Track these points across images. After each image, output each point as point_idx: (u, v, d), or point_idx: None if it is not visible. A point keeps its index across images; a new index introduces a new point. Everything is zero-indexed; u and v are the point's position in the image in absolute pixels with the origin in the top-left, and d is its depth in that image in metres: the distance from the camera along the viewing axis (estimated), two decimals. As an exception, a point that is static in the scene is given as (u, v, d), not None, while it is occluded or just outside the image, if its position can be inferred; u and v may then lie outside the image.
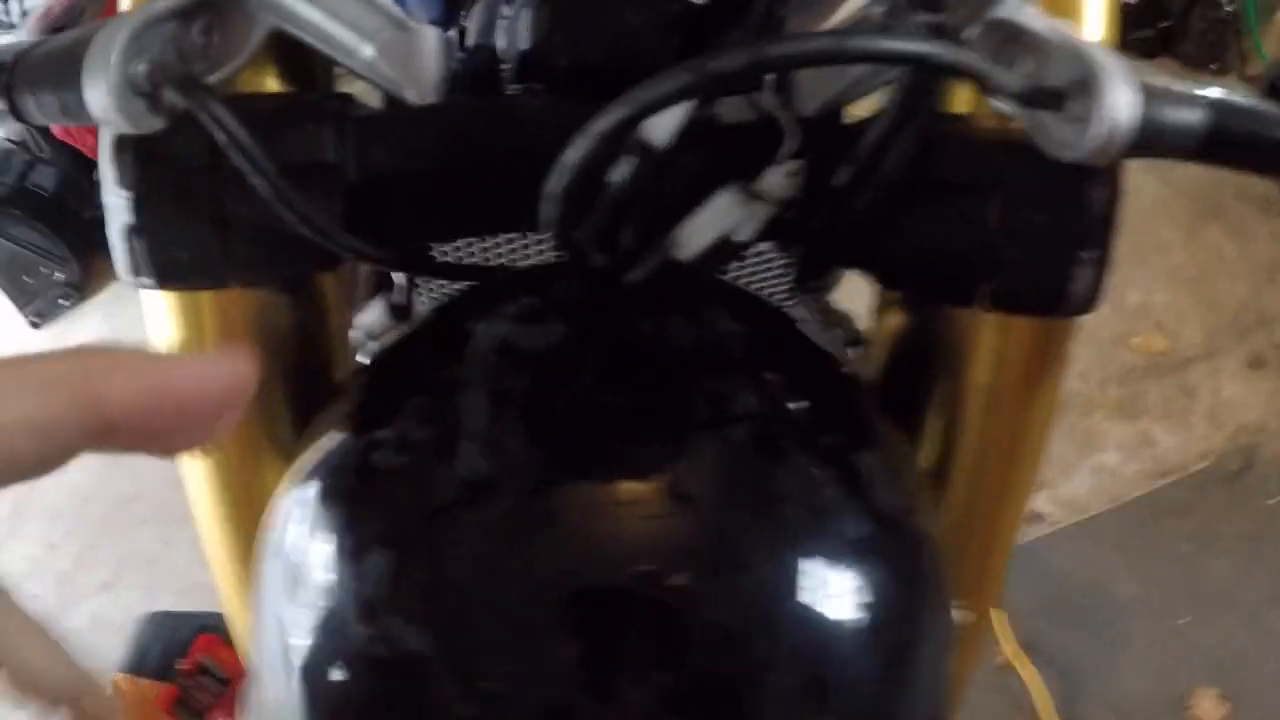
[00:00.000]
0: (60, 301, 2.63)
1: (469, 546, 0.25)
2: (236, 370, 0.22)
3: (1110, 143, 0.26)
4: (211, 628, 1.50)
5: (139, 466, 2.05)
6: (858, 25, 0.33)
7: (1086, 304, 0.34)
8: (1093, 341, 1.89)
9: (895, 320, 0.40)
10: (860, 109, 0.34)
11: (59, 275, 2.61)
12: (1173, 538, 1.57)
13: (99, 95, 0.27)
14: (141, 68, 0.28)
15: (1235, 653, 1.42)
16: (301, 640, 0.26)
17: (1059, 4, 0.32)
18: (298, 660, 0.26)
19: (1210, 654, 1.43)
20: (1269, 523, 1.57)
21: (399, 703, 0.24)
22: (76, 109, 0.28)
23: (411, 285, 0.47)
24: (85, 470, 1.64)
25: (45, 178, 2.48)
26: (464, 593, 0.24)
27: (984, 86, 0.26)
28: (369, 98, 0.37)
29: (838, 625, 0.26)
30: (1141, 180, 1.71)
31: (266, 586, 0.30)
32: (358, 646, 0.24)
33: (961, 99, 0.34)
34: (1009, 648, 1.43)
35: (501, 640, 0.23)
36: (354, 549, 0.26)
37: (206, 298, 0.36)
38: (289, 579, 0.28)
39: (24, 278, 2.58)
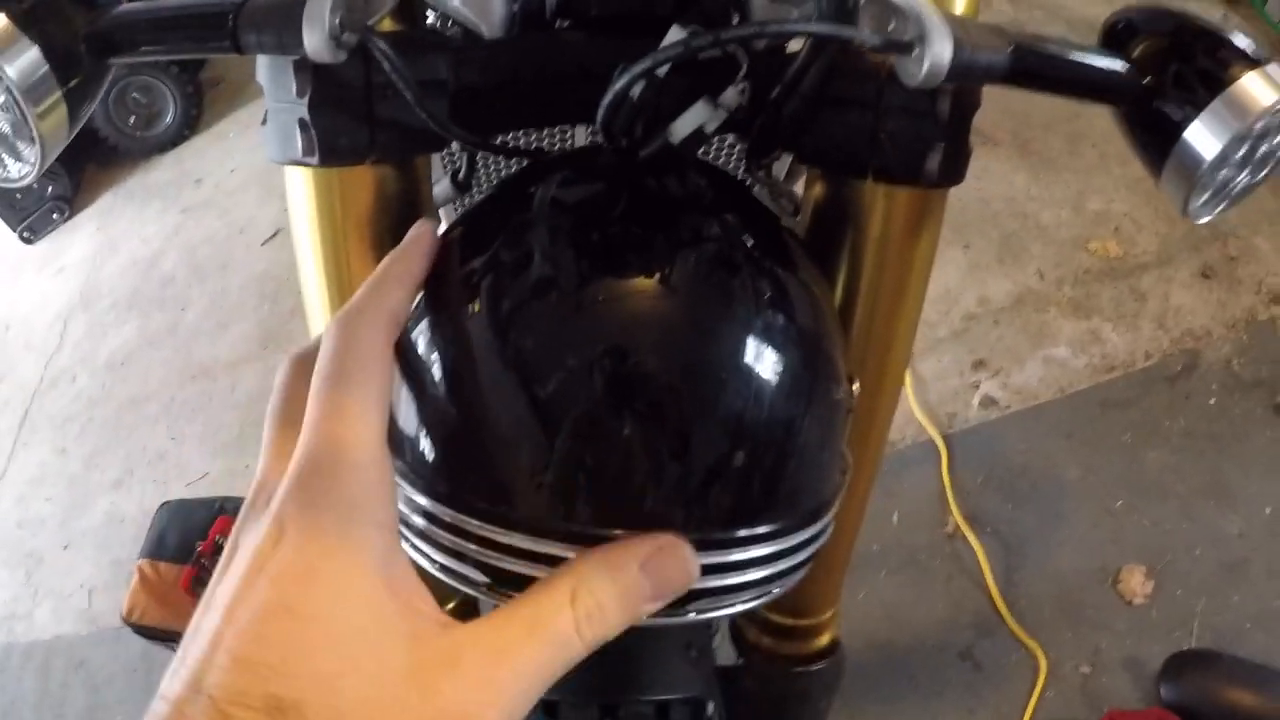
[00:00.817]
0: (53, 216, 2.67)
1: (543, 319, 0.40)
2: (420, 232, 0.42)
3: (935, 75, 0.39)
4: (228, 510, 1.61)
5: (145, 369, 2.15)
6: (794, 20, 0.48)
7: (942, 179, 0.48)
8: (1052, 243, 1.97)
9: (818, 191, 0.54)
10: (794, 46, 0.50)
11: (50, 188, 2.65)
12: (1115, 428, 1.68)
13: (316, 38, 0.39)
14: (337, 18, 0.40)
15: (1164, 536, 1.54)
16: (447, 365, 0.42)
17: None
18: (446, 376, 0.42)
19: (1141, 536, 1.54)
20: (1207, 421, 1.68)
21: (505, 396, 0.40)
22: (293, 46, 0.40)
23: (471, 165, 0.63)
24: (91, 375, 1.77)
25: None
26: (540, 343, 0.40)
27: (857, 43, 0.40)
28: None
29: (760, 378, 0.41)
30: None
31: (412, 346, 0.44)
32: (488, 354, 0.41)
33: None
34: (958, 517, 1.57)
35: (565, 363, 0.39)
36: (475, 323, 0.41)
37: (342, 174, 0.49)
38: (436, 334, 0.43)
39: (15, 194, 2.61)
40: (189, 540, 1.57)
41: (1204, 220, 0.49)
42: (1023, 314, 1.87)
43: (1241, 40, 0.45)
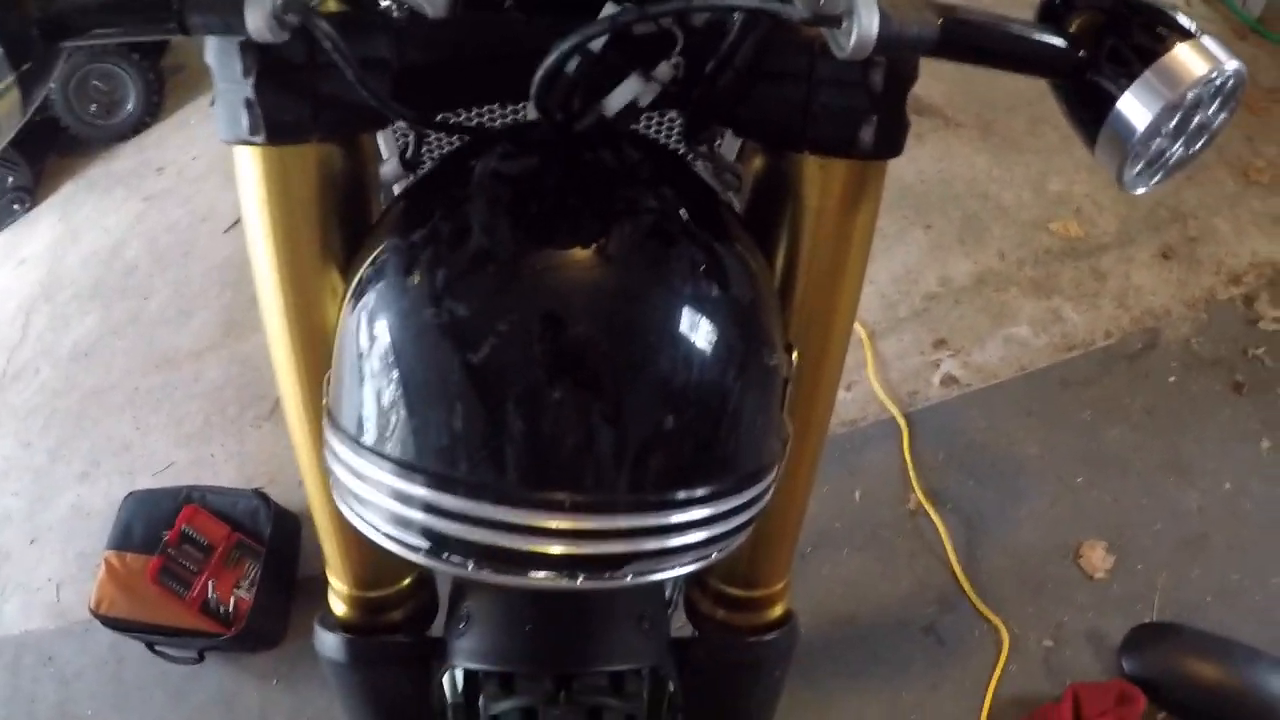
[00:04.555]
0: (14, 207, 2.63)
1: (480, 288, 0.42)
2: None
3: (863, 47, 0.40)
4: (194, 499, 1.60)
5: (109, 359, 2.12)
6: None
7: (876, 151, 0.49)
8: (1013, 224, 1.99)
9: (757, 164, 0.55)
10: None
11: (10, 179, 2.61)
12: (1075, 406, 1.70)
13: (258, 19, 0.40)
14: (279, 0, 0.41)
15: (1125, 512, 1.56)
16: (388, 335, 0.43)
17: None
18: (388, 345, 0.43)
19: (1102, 512, 1.57)
20: (1165, 398, 1.70)
21: (444, 363, 0.41)
22: (237, 26, 0.41)
23: (419, 143, 0.64)
24: (54, 367, 1.74)
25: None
26: (477, 311, 0.41)
27: (786, 18, 0.41)
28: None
29: (692, 344, 0.42)
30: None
31: (355, 318, 0.46)
32: (426, 323, 0.42)
33: None
34: (919, 494, 1.59)
35: (501, 330, 0.40)
36: (414, 293, 0.43)
37: (288, 153, 0.50)
38: (378, 305, 0.44)
39: (-25, 189, 2.57)
40: (155, 530, 1.56)
41: (1140, 191, 0.50)
42: (983, 293, 1.88)
43: (1177, 14, 0.46)
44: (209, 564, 1.52)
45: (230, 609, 1.50)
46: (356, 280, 0.47)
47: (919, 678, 1.42)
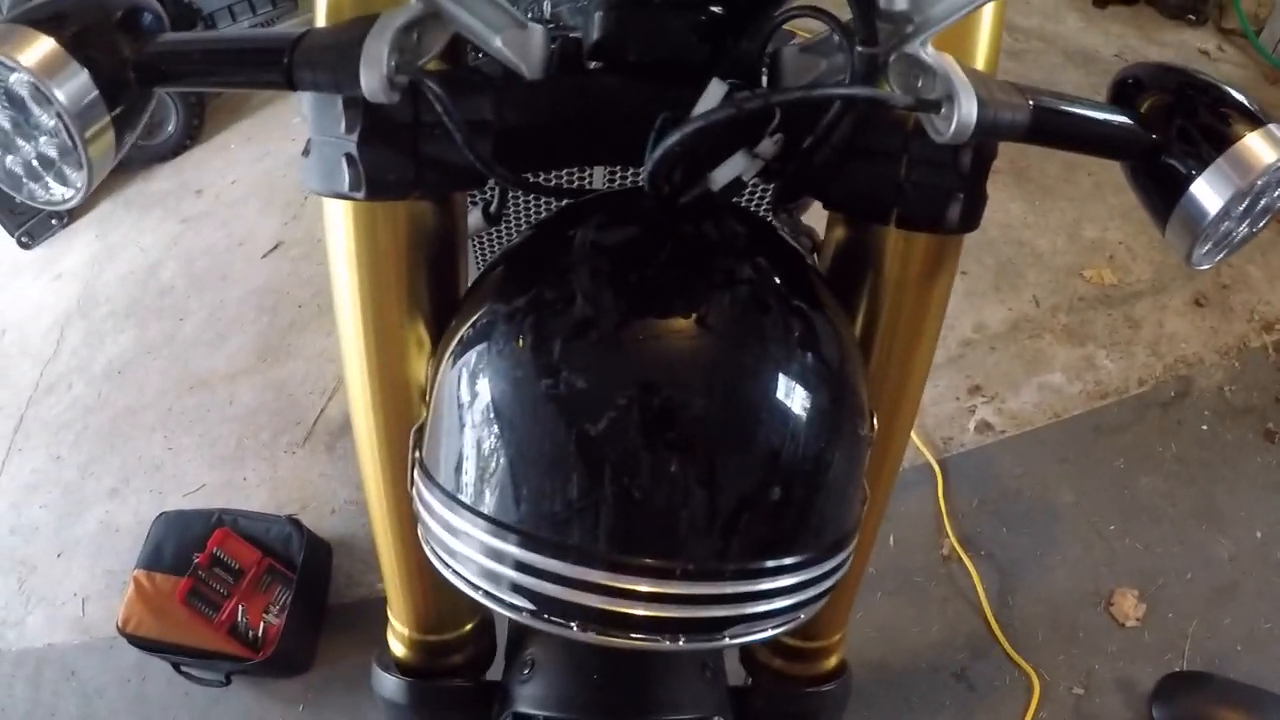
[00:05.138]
0: (51, 221, 2.66)
1: (584, 357, 0.42)
2: None
3: (963, 133, 0.41)
4: (226, 522, 1.61)
5: (142, 378, 2.14)
6: (823, 73, 0.51)
7: (960, 227, 0.51)
8: (1047, 271, 1.99)
9: (839, 233, 0.57)
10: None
11: (49, 195, 2.65)
12: (1109, 454, 1.70)
13: (373, 79, 0.41)
14: (393, 61, 0.41)
15: (1157, 561, 1.56)
16: (494, 398, 0.44)
17: (959, 42, 0.48)
18: (494, 408, 0.44)
19: (1134, 560, 1.56)
20: (1199, 447, 1.69)
21: (548, 429, 0.42)
22: (348, 85, 0.41)
23: (503, 199, 0.64)
24: (87, 383, 1.75)
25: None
26: (582, 379, 0.42)
27: (889, 104, 0.43)
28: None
29: (792, 414, 0.43)
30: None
31: (456, 376, 0.46)
32: (542, 394, 0.42)
33: None
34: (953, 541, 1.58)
35: (603, 401, 0.41)
36: (527, 361, 0.43)
37: (382, 208, 0.50)
38: (483, 367, 0.45)
39: (13, 198, 2.59)
40: (186, 552, 1.57)
41: (1205, 268, 0.51)
42: (1018, 340, 1.89)
43: (1242, 97, 0.48)
44: (239, 588, 1.52)
45: (259, 634, 1.50)
46: (457, 339, 0.47)
47: (950, 724, 1.41)
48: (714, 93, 0.45)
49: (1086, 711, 1.40)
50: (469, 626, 0.67)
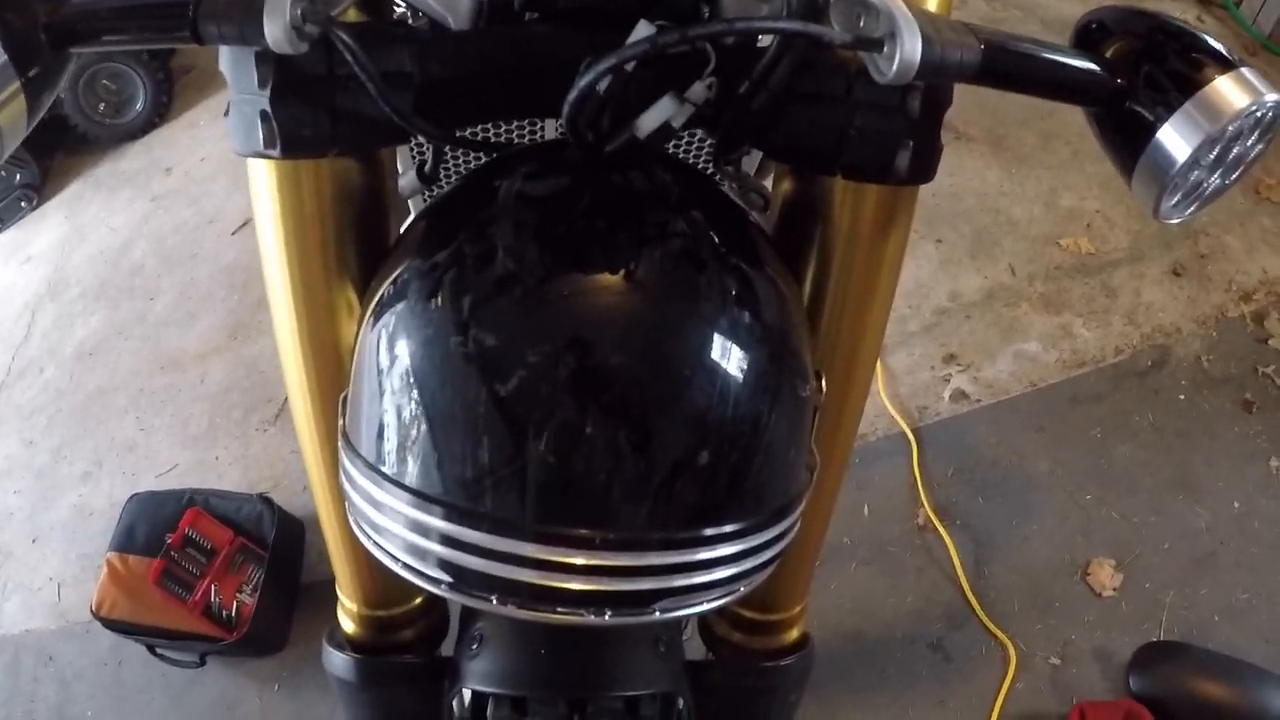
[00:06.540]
0: (20, 204, 2.62)
1: (506, 315, 0.40)
2: None
3: (905, 73, 0.38)
4: (197, 502, 1.59)
5: (114, 360, 2.11)
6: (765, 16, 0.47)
7: (911, 177, 0.48)
8: (1024, 239, 1.98)
9: (786, 187, 0.54)
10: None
11: (18, 176, 2.60)
12: (1085, 423, 1.69)
13: (277, 29, 0.39)
14: (298, 10, 0.39)
15: (1134, 530, 1.56)
16: (410, 361, 0.42)
17: None
18: (410, 371, 0.42)
19: (1110, 530, 1.56)
20: (1176, 416, 1.69)
21: (468, 392, 0.40)
22: (254, 37, 0.40)
23: (438, 158, 0.62)
24: (58, 366, 1.73)
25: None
26: (503, 339, 0.40)
27: (826, 41, 0.40)
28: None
29: (726, 375, 0.41)
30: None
31: (375, 339, 0.44)
32: (452, 352, 0.40)
33: None
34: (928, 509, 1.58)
35: (531, 361, 0.39)
36: (439, 319, 0.41)
37: (304, 167, 0.49)
38: (399, 329, 0.43)
39: (-17, 184, 2.56)
40: (158, 533, 1.56)
41: (1175, 221, 0.49)
42: (994, 309, 1.88)
43: (1214, 42, 0.45)
44: (212, 568, 1.51)
45: (233, 613, 1.49)
46: (376, 300, 0.46)
47: (926, 694, 1.41)
48: (640, 33, 0.43)
49: (1063, 681, 1.41)
50: (418, 601, 0.66)
